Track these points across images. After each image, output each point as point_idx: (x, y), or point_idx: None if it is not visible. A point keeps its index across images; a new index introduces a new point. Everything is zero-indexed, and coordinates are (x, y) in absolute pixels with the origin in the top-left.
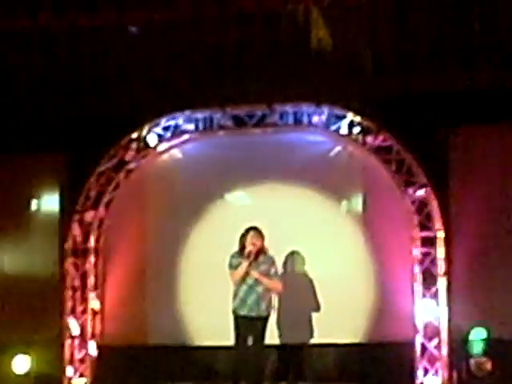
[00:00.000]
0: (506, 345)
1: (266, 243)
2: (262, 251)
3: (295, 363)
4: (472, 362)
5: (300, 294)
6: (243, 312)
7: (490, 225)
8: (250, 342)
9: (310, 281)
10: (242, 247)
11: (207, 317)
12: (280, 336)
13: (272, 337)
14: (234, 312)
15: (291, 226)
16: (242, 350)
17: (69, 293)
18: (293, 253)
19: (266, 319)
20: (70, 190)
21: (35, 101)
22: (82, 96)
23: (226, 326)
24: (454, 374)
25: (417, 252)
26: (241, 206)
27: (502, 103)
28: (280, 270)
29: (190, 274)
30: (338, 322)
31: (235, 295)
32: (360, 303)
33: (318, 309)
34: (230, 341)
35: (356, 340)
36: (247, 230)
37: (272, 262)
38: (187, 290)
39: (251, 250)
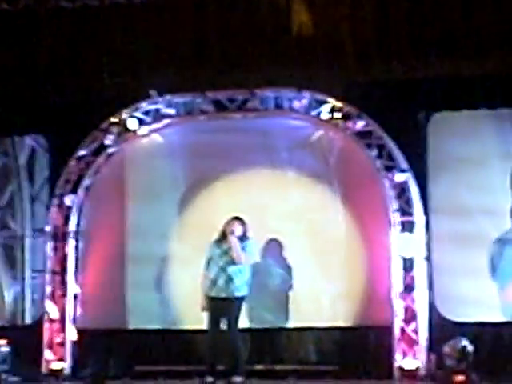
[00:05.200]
0: (485, 328)
1: (249, 231)
2: (242, 238)
3: (273, 346)
4: (451, 345)
5: (277, 278)
6: (213, 293)
7: (469, 210)
8: (223, 325)
9: (288, 266)
10: (222, 236)
11: (188, 300)
12: (255, 319)
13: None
14: (206, 294)
15: (273, 210)
16: (212, 332)
17: (48, 277)
18: (272, 240)
19: (238, 300)
20: (50, 174)
21: (15, 84)
22: (62, 80)
23: None
24: (433, 358)
25: (396, 236)
26: (222, 191)
27: (481, 90)
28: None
29: (172, 257)
30: (318, 306)
31: (206, 277)
32: (339, 287)
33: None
34: None
35: (335, 324)
36: (229, 221)
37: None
38: (168, 274)
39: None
